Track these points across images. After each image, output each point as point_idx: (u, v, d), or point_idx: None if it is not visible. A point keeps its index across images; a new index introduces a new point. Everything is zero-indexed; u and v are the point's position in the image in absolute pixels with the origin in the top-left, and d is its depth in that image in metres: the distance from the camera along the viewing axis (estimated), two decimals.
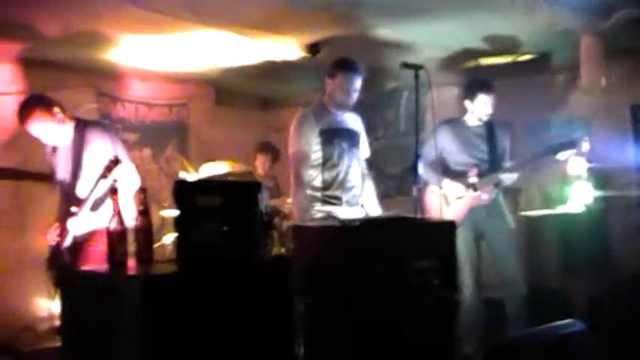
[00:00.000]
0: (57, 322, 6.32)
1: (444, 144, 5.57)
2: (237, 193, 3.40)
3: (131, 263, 3.37)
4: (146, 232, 3.43)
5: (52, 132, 4.87)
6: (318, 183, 4.99)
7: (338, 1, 5.17)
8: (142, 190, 3.46)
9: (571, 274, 5.65)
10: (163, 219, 6.97)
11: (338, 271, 3.79)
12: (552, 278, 5.75)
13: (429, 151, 5.50)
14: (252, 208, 3.29)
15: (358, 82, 5.01)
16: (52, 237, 4.96)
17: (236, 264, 3.30)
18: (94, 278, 3.33)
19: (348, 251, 3.81)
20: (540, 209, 6.62)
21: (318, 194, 4.97)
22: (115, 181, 4.49)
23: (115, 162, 4.65)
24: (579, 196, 6.20)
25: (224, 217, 3.27)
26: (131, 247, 3.42)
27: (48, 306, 6.57)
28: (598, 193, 6.17)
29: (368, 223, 4.26)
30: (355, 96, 5.03)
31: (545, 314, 4.23)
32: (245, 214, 3.30)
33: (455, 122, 5.69)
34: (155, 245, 3.61)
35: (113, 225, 3.35)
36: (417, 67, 4.74)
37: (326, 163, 4.99)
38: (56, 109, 4.86)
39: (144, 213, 3.41)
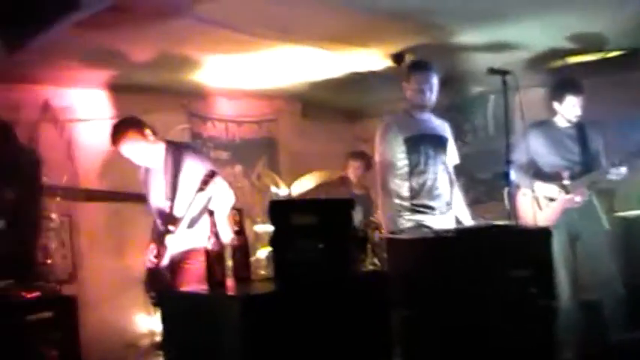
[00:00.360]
0: (157, 338, 6.48)
1: (534, 147, 5.55)
2: (331, 211, 3.42)
3: (230, 283, 3.43)
4: (243, 251, 3.49)
5: (144, 153, 4.99)
6: (405, 192, 4.97)
7: (420, 10, 5.16)
8: (238, 211, 3.52)
9: None
10: (257, 234, 7.06)
11: (434, 283, 3.79)
12: None
13: (519, 155, 5.46)
14: (347, 224, 3.32)
15: (433, 80, 5.03)
16: (149, 258, 5.08)
17: (333, 281, 3.32)
18: (194, 299, 3.40)
19: (443, 262, 3.81)
20: (637, 209, 6.45)
21: (406, 203, 4.95)
22: (209, 200, 4.58)
23: (212, 175, 4.74)
24: None
25: (319, 235, 3.29)
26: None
27: (148, 323, 6.72)
28: None
29: (462, 233, 4.24)
30: (432, 95, 5.03)
31: None
32: (340, 231, 3.32)
33: (545, 124, 5.63)
34: (251, 258, 3.66)
35: (211, 245, 3.42)
36: (504, 73, 4.71)
37: (413, 171, 4.97)
38: (148, 131, 4.97)
39: (240, 233, 3.47)
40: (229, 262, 3.52)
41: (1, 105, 6.17)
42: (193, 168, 4.93)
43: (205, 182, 4.70)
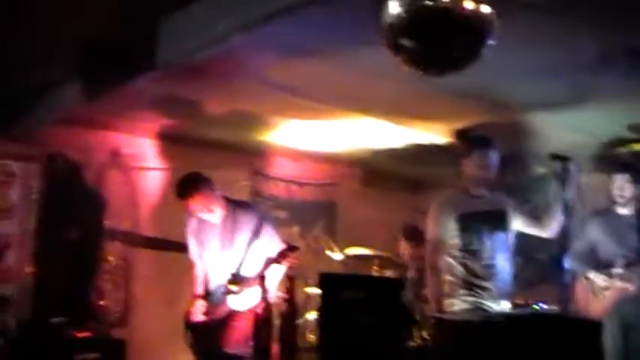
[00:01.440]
0: None
1: (594, 235, 5.57)
2: (381, 288, 3.46)
3: (275, 348, 3.48)
4: (291, 318, 3.56)
5: (208, 209, 5.12)
6: (459, 271, 4.77)
7: (488, 89, 5.20)
8: (289, 279, 3.59)
9: None
10: (308, 296, 7.07)
11: None
12: None
13: (580, 243, 5.48)
14: (395, 301, 3.34)
15: (494, 157, 4.91)
16: (197, 314, 5.14)
17: (378, 356, 3.35)
18: None
19: (489, 348, 3.79)
20: None
21: (460, 282, 4.74)
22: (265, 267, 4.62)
23: (291, 249, 4.79)
24: None
25: (367, 310, 3.31)
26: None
27: None
28: None
29: (511, 319, 4.22)
30: (493, 171, 4.90)
31: None
32: (388, 309, 3.34)
33: (606, 212, 5.64)
34: (299, 321, 3.70)
35: (260, 310, 3.48)
36: (565, 159, 4.67)
37: (466, 250, 4.80)
38: (215, 188, 5.12)
39: (290, 301, 3.53)
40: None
41: (72, 147, 6.39)
42: (251, 227, 5.02)
43: (284, 256, 4.74)
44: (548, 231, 4.91)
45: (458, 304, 4.69)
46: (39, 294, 5.98)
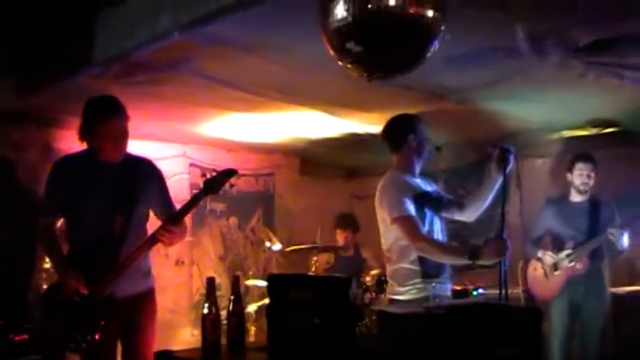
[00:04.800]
0: None
1: (547, 221, 5.90)
2: (328, 287, 3.46)
3: (223, 349, 3.47)
4: (238, 317, 3.54)
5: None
6: (414, 256, 4.37)
7: (424, 82, 5.24)
8: (236, 279, 3.58)
9: None
10: (247, 287, 7.09)
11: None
12: None
13: (537, 230, 5.89)
14: (343, 301, 3.34)
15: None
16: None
17: (326, 355, 3.35)
18: None
19: (431, 339, 3.82)
20: (628, 285, 6.48)
21: (417, 268, 4.40)
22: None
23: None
24: None
25: (316, 310, 3.31)
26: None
27: None
28: None
29: (453, 310, 4.25)
30: (431, 159, 4.71)
31: None
32: (336, 307, 3.34)
33: (559, 199, 5.94)
34: None
35: (207, 310, 3.47)
36: (502, 146, 4.70)
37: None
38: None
39: (237, 300, 3.52)
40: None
41: (6, 144, 6.24)
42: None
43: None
44: (466, 217, 4.78)
45: (412, 293, 4.44)
46: None
